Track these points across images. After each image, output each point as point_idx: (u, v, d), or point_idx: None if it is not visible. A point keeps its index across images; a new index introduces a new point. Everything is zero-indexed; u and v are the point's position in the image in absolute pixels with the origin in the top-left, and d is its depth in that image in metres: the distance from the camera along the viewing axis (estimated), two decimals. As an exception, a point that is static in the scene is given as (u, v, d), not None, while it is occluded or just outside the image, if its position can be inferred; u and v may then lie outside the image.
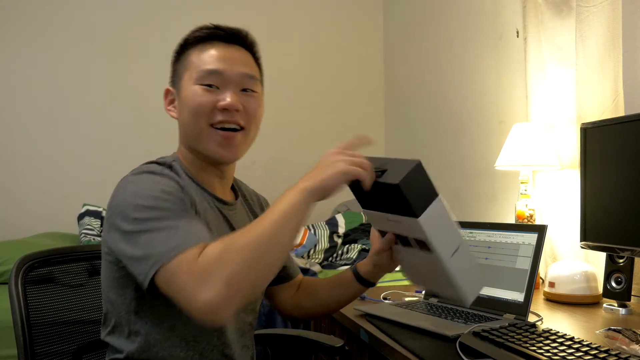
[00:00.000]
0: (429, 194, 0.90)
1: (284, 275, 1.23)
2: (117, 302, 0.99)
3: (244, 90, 1.05)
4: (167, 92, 1.10)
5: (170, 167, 1.02)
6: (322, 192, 0.89)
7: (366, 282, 1.16)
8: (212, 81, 1.02)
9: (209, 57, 1.03)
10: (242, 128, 1.04)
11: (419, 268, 1.05)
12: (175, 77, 1.07)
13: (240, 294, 0.81)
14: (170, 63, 1.10)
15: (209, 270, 0.81)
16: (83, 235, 2.51)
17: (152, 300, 0.95)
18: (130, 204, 0.91)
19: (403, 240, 1.01)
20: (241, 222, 1.09)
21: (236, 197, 1.15)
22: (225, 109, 1.01)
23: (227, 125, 1.02)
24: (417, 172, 0.89)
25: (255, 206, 1.20)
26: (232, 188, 1.16)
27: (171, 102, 1.09)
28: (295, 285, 1.26)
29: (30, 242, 2.42)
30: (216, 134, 1.02)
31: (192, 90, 1.02)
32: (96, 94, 3.08)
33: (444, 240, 0.93)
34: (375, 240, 1.12)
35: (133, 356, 0.98)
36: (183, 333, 0.98)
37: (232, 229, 1.06)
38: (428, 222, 0.90)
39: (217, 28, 1.06)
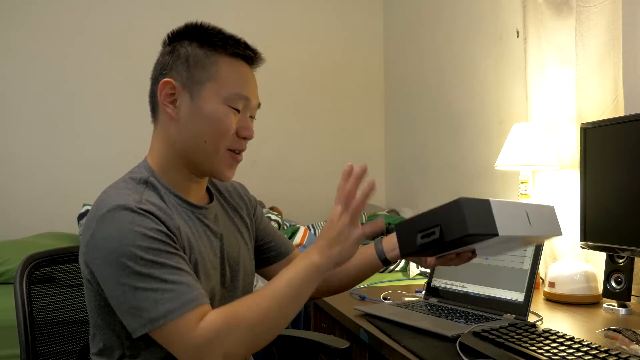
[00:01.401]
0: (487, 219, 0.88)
1: (275, 255, 1.21)
2: (104, 328, 0.96)
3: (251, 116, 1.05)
4: (167, 84, 0.99)
5: (145, 183, 0.98)
6: (336, 267, 0.92)
7: (389, 262, 1.16)
8: (240, 106, 1.00)
9: (240, 79, 1.01)
10: None
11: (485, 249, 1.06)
12: (190, 78, 0.98)
13: None
14: (172, 50, 1.01)
15: (207, 347, 0.84)
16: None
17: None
18: (117, 250, 0.86)
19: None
20: (221, 224, 1.08)
21: (211, 197, 1.12)
22: (245, 138, 1.02)
23: (238, 151, 1.03)
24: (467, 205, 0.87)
25: (232, 198, 1.17)
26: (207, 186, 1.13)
27: (171, 96, 0.99)
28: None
29: (30, 242, 2.42)
30: (231, 157, 1.01)
31: (221, 110, 0.98)
32: (96, 93, 3.08)
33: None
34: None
35: None
36: None
37: (213, 233, 1.05)
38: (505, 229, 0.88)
39: (249, 48, 1.02)
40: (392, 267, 2.22)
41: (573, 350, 0.93)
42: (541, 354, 0.92)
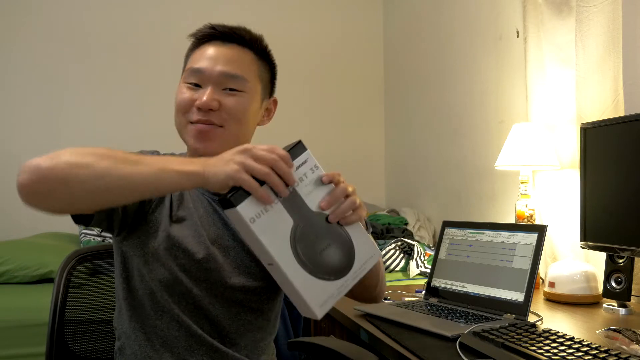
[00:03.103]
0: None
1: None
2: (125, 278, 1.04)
3: (229, 89, 1.02)
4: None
5: (172, 154, 1.06)
6: (207, 186, 0.80)
7: None
8: (196, 80, 1.03)
9: (200, 56, 1.04)
10: (220, 126, 1.02)
11: None
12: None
13: (45, 193, 0.84)
14: None
15: (40, 159, 0.85)
16: (83, 235, 2.51)
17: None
18: None
19: None
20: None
21: None
22: (199, 108, 1.01)
23: (201, 125, 1.01)
24: None
25: None
26: None
27: None
28: None
29: (30, 242, 2.42)
30: (192, 128, 1.02)
31: (179, 88, 1.05)
32: (96, 93, 3.08)
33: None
34: None
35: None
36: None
37: (223, 221, 1.05)
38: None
39: (212, 27, 1.06)
40: (392, 267, 2.22)
41: (573, 350, 0.93)
42: (541, 354, 0.92)
